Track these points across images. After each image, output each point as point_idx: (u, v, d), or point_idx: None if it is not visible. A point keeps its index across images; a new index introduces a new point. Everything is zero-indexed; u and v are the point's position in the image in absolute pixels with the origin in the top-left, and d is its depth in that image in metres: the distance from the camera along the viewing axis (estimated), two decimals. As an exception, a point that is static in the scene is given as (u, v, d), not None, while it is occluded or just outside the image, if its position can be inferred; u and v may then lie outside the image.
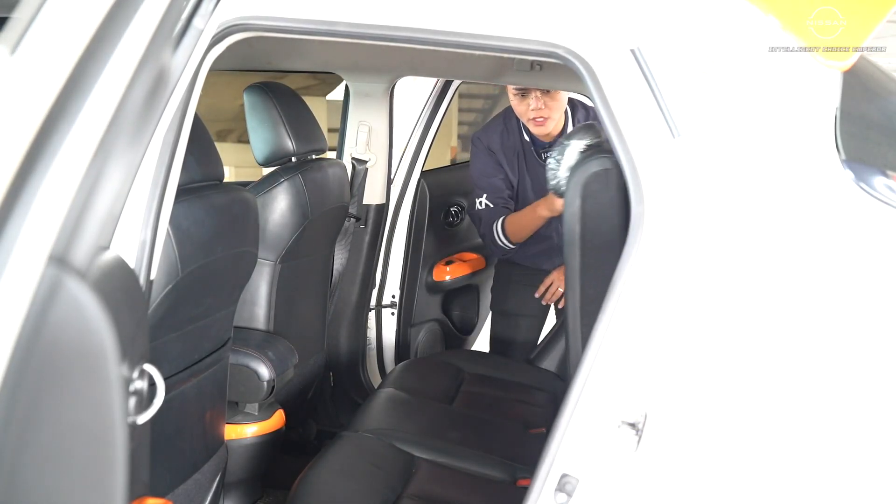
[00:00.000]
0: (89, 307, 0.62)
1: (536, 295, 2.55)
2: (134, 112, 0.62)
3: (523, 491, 1.11)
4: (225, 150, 1.67)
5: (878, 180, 1.02)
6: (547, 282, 2.53)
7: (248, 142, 2.09)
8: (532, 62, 2.07)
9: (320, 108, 4.39)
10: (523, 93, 2.31)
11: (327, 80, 3.84)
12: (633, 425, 1.02)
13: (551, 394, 2.27)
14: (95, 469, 0.65)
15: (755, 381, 1.01)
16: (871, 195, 1.01)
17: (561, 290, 2.50)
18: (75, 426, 0.65)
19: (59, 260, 0.61)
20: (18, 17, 0.61)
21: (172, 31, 0.71)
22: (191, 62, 1.05)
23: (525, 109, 2.33)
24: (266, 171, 2.08)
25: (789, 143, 1.02)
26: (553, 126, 2.38)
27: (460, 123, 5.04)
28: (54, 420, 0.64)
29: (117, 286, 0.77)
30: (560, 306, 2.56)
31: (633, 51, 1.04)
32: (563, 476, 1.04)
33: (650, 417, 1.01)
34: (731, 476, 1.02)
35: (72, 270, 0.62)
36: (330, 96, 4.88)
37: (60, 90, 0.59)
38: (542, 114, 2.30)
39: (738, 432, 1.02)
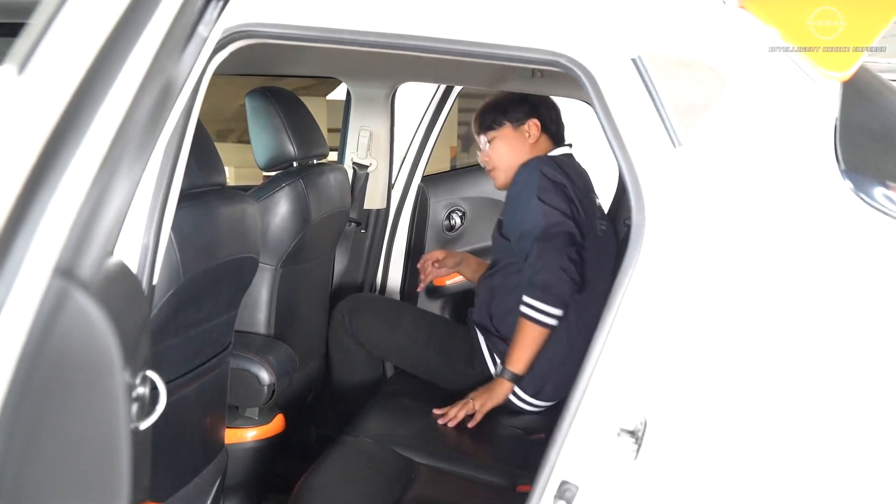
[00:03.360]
0: (95, 318, 0.62)
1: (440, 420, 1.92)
2: (140, 126, 0.62)
3: (523, 497, 1.11)
4: (225, 151, 1.67)
5: (878, 190, 1.03)
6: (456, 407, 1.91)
7: (247, 142, 2.10)
8: (533, 70, 2.07)
9: (320, 109, 4.38)
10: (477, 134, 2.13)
11: (327, 80, 3.84)
12: (632, 433, 1.02)
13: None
14: (98, 477, 0.66)
15: (755, 390, 1.01)
16: (871, 205, 1.01)
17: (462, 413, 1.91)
18: (79, 435, 0.65)
19: (65, 272, 0.61)
20: (26, 36, 0.61)
21: (180, 43, 0.72)
22: (194, 69, 1.05)
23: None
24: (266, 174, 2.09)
25: (789, 153, 1.03)
26: (504, 179, 2.08)
27: (460, 124, 5.04)
28: (58, 429, 0.65)
29: (121, 292, 0.77)
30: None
31: (634, 59, 1.04)
32: (563, 483, 1.04)
33: (650, 426, 1.02)
34: (730, 485, 1.02)
35: (77, 282, 0.62)
36: (330, 96, 4.87)
37: (67, 109, 0.60)
38: (485, 159, 2.13)
39: (737, 441, 1.02)
